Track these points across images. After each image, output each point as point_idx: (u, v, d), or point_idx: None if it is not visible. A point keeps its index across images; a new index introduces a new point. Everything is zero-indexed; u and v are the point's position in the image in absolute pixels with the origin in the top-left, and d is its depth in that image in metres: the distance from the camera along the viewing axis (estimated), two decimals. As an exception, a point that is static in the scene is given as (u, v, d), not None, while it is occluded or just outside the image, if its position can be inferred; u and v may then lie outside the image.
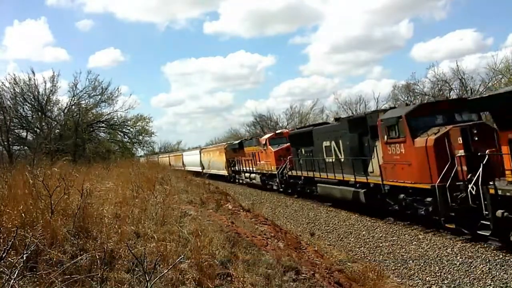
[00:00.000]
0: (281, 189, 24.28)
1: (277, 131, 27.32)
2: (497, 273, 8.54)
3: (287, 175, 23.05)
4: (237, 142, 35.10)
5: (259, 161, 27.53)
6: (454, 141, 10.95)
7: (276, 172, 24.41)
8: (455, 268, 9.23)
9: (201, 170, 43.88)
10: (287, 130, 27.86)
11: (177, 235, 6.11)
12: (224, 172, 37.42)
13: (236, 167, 34.08)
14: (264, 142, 26.21)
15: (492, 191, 9.17)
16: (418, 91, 41.91)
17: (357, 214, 15.85)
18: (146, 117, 32.80)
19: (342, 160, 16.69)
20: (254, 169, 28.81)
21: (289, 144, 23.30)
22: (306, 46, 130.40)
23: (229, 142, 43.41)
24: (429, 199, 11.55)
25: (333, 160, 17.31)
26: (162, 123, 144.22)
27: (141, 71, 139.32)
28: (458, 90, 37.96)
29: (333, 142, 17.41)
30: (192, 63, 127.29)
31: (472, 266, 9.11)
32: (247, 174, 30.98)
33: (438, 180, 10.89)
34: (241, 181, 33.28)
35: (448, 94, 38.17)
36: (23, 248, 4.13)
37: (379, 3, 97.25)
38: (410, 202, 12.53)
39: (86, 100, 30.35)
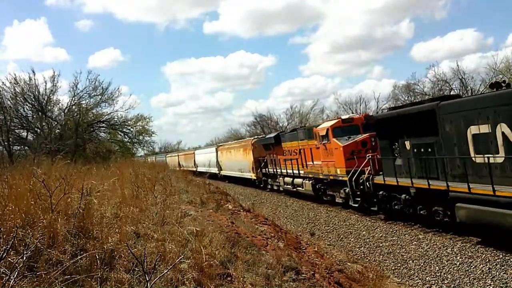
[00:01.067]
0: (355, 204, 15.84)
1: (343, 117, 18.58)
2: (497, 273, 8.54)
3: (368, 184, 14.66)
4: (272, 135, 26.45)
5: (311, 161, 19.46)
6: None
7: (345, 178, 16.01)
8: (455, 268, 9.23)
9: (217, 172, 37.92)
10: (358, 115, 20.27)
11: (177, 235, 6.11)
12: (251, 175, 29.26)
13: (269, 169, 25.96)
14: (323, 133, 17.82)
15: None
16: (418, 91, 41.99)
17: (357, 214, 15.85)
18: (146, 117, 32.75)
19: None
20: (301, 172, 20.90)
21: (367, 135, 16.26)
22: (306, 46, 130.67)
23: (259, 136, 34.88)
24: None
25: (502, 161, 9.49)
26: (162, 123, 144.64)
27: (141, 71, 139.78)
28: (458, 90, 38.01)
29: (502, 126, 9.43)
30: (192, 63, 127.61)
31: (472, 266, 9.11)
32: (287, 179, 22.84)
33: None
34: (276, 188, 25.50)
35: (449, 94, 38.16)
36: (23, 248, 4.13)
37: (380, 2, 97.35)
38: None
39: (87, 100, 30.31)
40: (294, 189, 22.04)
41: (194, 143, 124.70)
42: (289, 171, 22.44)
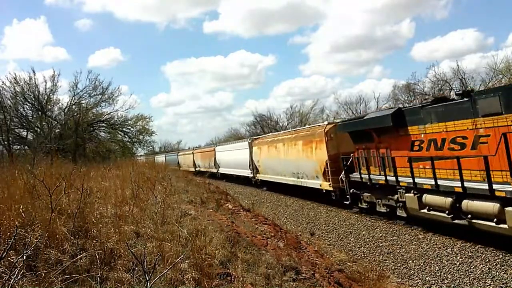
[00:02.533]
0: None
1: None
2: (497, 273, 8.54)
3: None
4: (386, 112, 13.41)
5: None
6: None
7: None
8: (455, 268, 9.23)
9: (250, 175, 28.68)
10: None
11: (177, 235, 6.11)
12: (320, 184, 18.03)
13: (369, 175, 14.34)
14: None
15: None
16: (418, 91, 42.01)
17: (357, 214, 15.85)
18: (146, 117, 32.86)
19: None
20: (498, 187, 9.10)
21: None
22: (306, 45, 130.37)
23: (346, 119, 24.11)
24: None
25: None
26: (162, 123, 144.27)
27: (141, 71, 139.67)
28: (458, 90, 37.99)
29: None
30: (192, 63, 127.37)
31: (472, 266, 9.11)
32: (432, 199, 11.31)
33: None
34: (385, 209, 13.96)
35: (449, 94, 38.23)
36: (23, 247, 4.13)
37: (380, 2, 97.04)
38: None
39: (87, 100, 30.46)
40: (462, 221, 10.45)
41: (194, 143, 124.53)
42: (444, 182, 10.83)
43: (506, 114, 9.23)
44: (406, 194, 12.52)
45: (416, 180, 11.81)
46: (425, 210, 11.72)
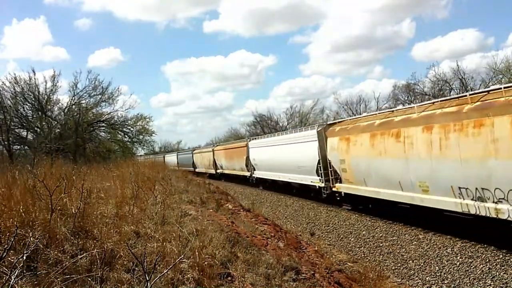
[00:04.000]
0: None
1: None
2: (497, 273, 8.54)
3: None
4: None
5: None
6: None
7: None
8: (455, 268, 9.23)
9: (320, 185, 18.20)
10: None
11: (177, 235, 6.10)
12: None
13: None
14: None
15: None
16: (418, 91, 42.03)
17: (357, 214, 15.86)
18: (147, 117, 32.81)
19: None
20: None
21: None
22: (306, 45, 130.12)
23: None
24: None
25: None
26: (162, 123, 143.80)
27: (141, 71, 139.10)
28: (458, 90, 38.06)
29: None
30: (192, 63, 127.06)
31: (472, 266, 9.11)
32: None
33: None
34: None
35: (449, 94, 38.28)
36: (23, 247, 4.12)
37: (380, 2, 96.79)
38: None
39: (87, 100, 30.45)
40: None
41: (194, 143, 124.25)
42: None
43: None
44: None
45: None
46: None
